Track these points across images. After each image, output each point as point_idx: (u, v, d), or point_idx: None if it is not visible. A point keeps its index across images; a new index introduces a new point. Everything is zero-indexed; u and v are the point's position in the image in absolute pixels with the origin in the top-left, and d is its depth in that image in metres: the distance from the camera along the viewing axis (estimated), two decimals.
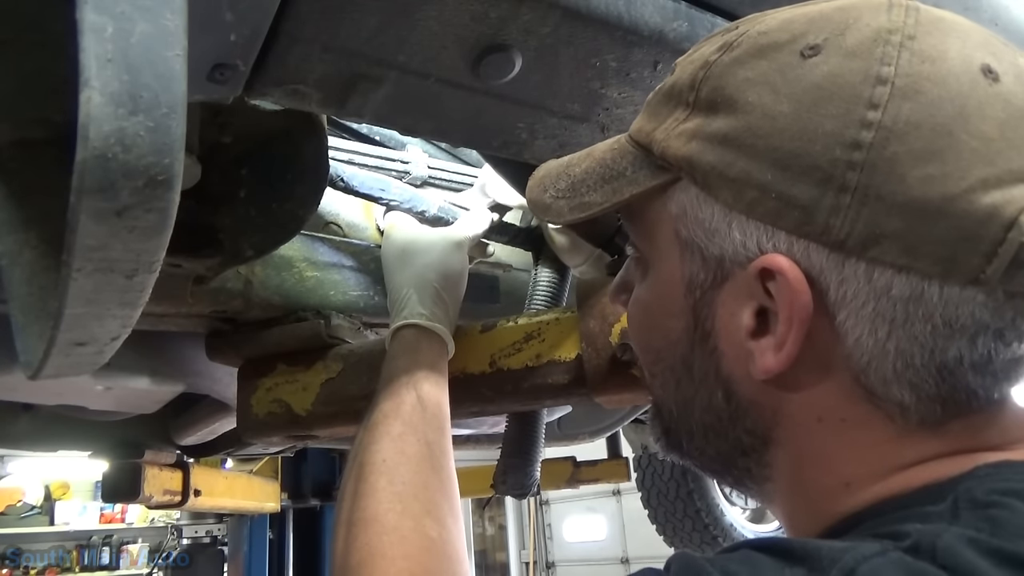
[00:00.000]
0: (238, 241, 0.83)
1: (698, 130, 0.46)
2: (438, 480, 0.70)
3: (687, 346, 0.50)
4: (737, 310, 0.46)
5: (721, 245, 0.46)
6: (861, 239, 0.41)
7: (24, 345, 0.59)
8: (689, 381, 0.51)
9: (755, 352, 0.45)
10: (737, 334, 0.46)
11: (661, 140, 0.48)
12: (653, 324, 0.54)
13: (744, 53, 0.45)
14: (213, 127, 0.78)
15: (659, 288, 0.52)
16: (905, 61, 0.41)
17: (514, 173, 0.95)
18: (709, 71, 0.47)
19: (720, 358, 0.48)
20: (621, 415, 1.81)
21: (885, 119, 0.40)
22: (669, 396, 0.53)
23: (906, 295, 0.41)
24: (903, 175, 0.40)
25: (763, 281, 0.44)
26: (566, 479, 2.71)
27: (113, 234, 0.45)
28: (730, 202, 0.45)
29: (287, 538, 2.95)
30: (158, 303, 0.88)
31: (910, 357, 0.42)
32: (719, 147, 0.45)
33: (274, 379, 1.02)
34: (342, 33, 0.58)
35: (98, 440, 1.67)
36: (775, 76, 0.44)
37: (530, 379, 0.91)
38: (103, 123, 0.41)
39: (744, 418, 0.48)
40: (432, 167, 1.19)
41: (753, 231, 0.44)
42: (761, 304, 0.45)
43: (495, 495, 2.73)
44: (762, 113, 0.43)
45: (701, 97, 0.47)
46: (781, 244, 0.43)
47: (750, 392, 0.47)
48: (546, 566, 7.31)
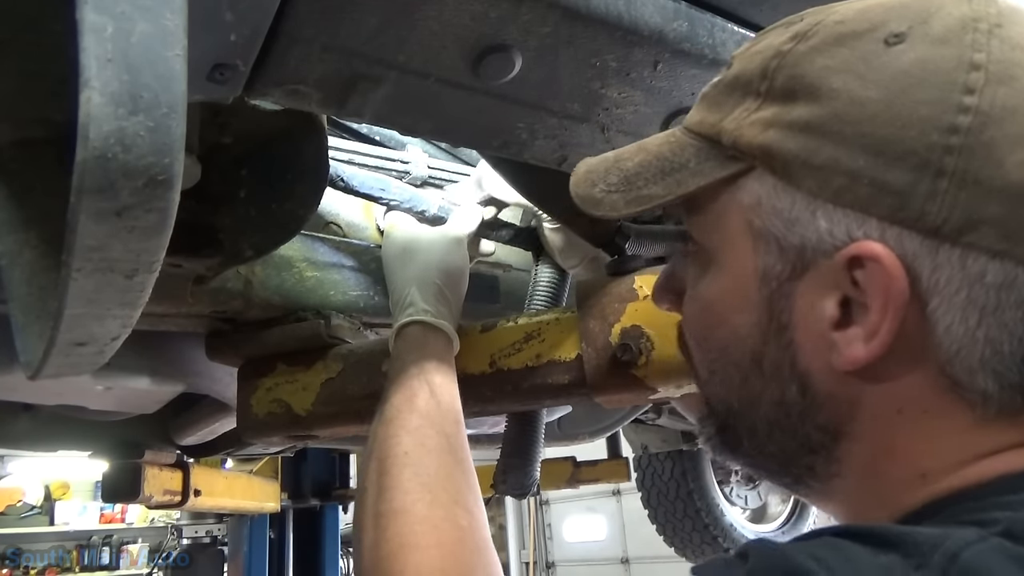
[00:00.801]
0: (238, 241, 0.83)
1: (775, 118, 0.46)
2: (461, 471, 0.70)
3: (759, 340, 0.49)
4: (818, 300, 0.45)
5: (802, 234, 0.45)
6: (958, 225, 0.41)
7: (24, 345, 0.59)
8: (758, 376, 0.49)
9: (840, 343, 0.44)
10: (818, 325, 0.45)
11: (732, 130, 0.48)
12: (718, 319, 0.52)
13: (821, 42, 0.45)
14: (213, 127, 0.78)
15: (726, 281, 0.51)
16: (996, 48, 0.41)
17: (514, 173, 0.95)
18: (783, 60, 0.46)
19: (796, 351, 0.47)
20: (621, 415, 1.81)
21: (982, 104, 0.40)
22: (731, 393, 0.52)
23: (999, 281, 0.41)
24: (1001, 159, 0.40)
25: (850, 270, 0.43)
26: (566, 479, 2.70)
27: (113, 234, 0.45)
28: (815, 190, 0.44)
29: (287, 538, 2.95)
30: (158, 303, 0.88)
31: (999, 345, 0.41)
32: (801, 135, 0.44)
33: (274, 379, 1.02)
34: (342, 33, 0.58)
35: (98, 440, 1.67)
36: (859, 63, 0.43)
37: (530, 379, 0.91)
38: (103, 123, 0.41)
39: (817, 413, 0.47)
40: (432, 167, 1.19)
41: (841, 219, 0.43)
42: (845, 294, 0.44)
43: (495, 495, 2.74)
44: (849, 99, 0.43)
45: (776, 86, 0.46)
46: (873, 231, 0.42)
47: (828, 385, 0.46)
48: (546, 566, 7.31)
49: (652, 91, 0.71)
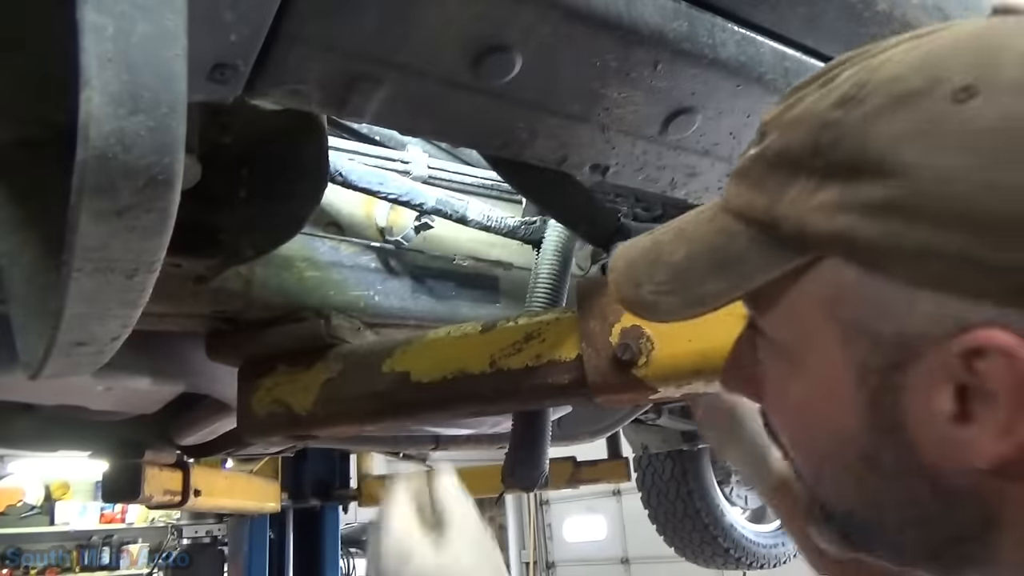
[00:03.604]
0: (238, 241, 0.83)
1: (844, 201, 0.41)
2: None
3: (867, 440, 0.44)
4: (932, 394, 0.40)
5: (901, 324, 0.40)
6: None
7: (24, 345, 0.59)
8: (877, 478, 0.45)
9: (965, 440, 0.39)
10: (936, 420, 0.40)
11: (793, 217, 0.43)
12: (816, 424, 0.47)
13: (879, 107, 0.40)
14: (213, 127, 0.78)
15: (815, 382, 0.46)
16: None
17: (514, 173, 0.95)
18: (838, 131, 0.41)
19: (917, 448, 0.42)
20: (621, 415, 1.81)
21: None
22: (848, 496, 0.47)
23: None
24: None
25: (968, 359, 0.38)
26: (566, 479, 2.71)
27: (113, 234, 0.45)
28: (909, 277, 0.39)
29: (287, 538, 2.95)
30: (158, 303, 0.88)
31: None
32: (880, 218, 0.39)
33: (274, 379, 1.02)
34: (342, 33, 0.58)
35: (98, 440, 1.67)
36: (930, 128, 0.38)
37: (530, 379, 0.91)
38: (103, 123, 0.41)
39: (960, 507, 0.43)
40: (432, 167, 1.19)
41: (945, 305, 0.39)
42: (962, 383, 0.39)
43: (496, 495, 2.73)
44: (928, 172, 0.38)
45: (834, 161, 0.41)
46: (989, 315, 0.38)
47: (963, 481, 0.41)
48: (546, 566, 7.31)
49: (652, 91, 0.71)
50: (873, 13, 0.71)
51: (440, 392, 0.94)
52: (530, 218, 1.16)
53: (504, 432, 1.22)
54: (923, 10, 0.74)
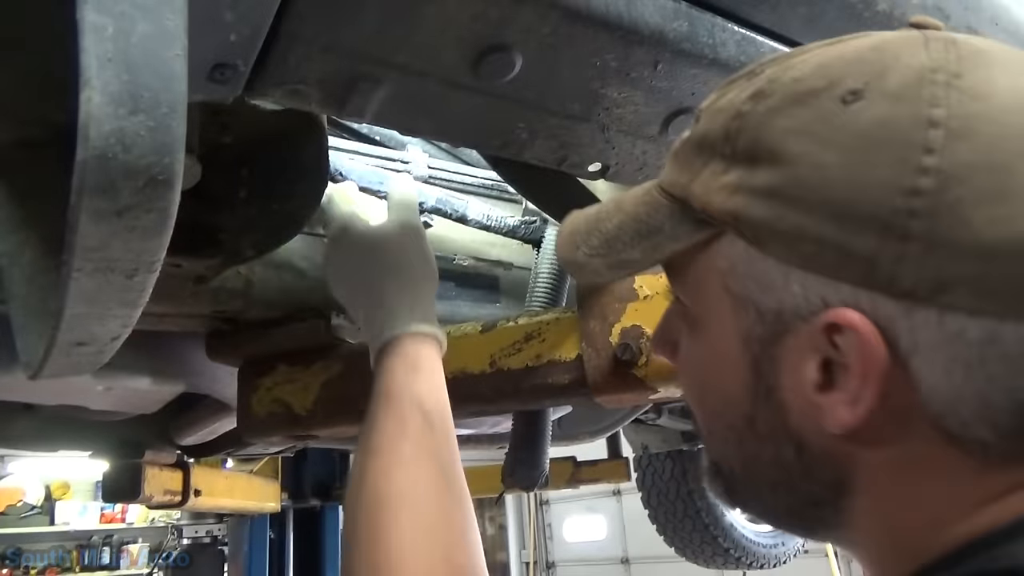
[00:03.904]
0: (238, 241, 0.83)
1: (741, 183, 0.45)
2: (458, 505, 0.68)
3: (749, 403, 0.48)
4: (801, 364, 0.45)
5: (778, 299, 0.45)
6: (930, 287, 0.40)
7: (24, 345, 0.59)
8: (753, 438, 0.49)
9: (825, 407, 0.44)
10: (803, 388, 0.45)
11: (701, 194, 0.47)
12: (709, 383, 0.52)
13: (780, 102, 0.44)
14: (213, 127, 0.78)
15: (712, 345, 0.51)
16: (955, 101, 0.40)
17: (514, 173, 0.95)
18: (744, 121, 0.45)
19: (787, 413, 0.46)
20: (621, 415, 1.81)
21: (943, 163, 0.39)
22: (731, 453, 0.51)
23: (981, 338, 0.40)
24: (968, 219, 0.39)
25: (829, 334, 0.43)
26: (566, 479, 2.70)
27: (113, 234, 0.45)
28: (784, 257, 0.44)
29: (287, 538, 2.95)
30: (158, 303, 0.88)
31: (988, 398, 0.41)
32: (766, 201, 0.44)
33: (274, 379, 1.02)
34: (343, 33, 0.58)
35: (98, 440, 1.67)
36: (817, 125, 0.42)
37: (530, 379, 0.91)
38: (103, 123, 0.41)
39: (818, 470, 0.47)
40: (432, 167, 1.19)
41: (813, 284, 0.43)
42: (826, 356, 0.43)
43: (497, 495, 2.73)
44: (808, 164, 0.42)
45: (739, 149, 0.45)
46: (846, 296, 0.42)
47: (823, 444, 0.45)
48: (546, 566, 7.31)
49: (652, 91, 0.71)
50: (873, 13, 0.71)
51: None
52: (530, 218, 1.16)
53: (504, 432, 1.22)
54: (923, 10, 0.74)
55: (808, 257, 0.43)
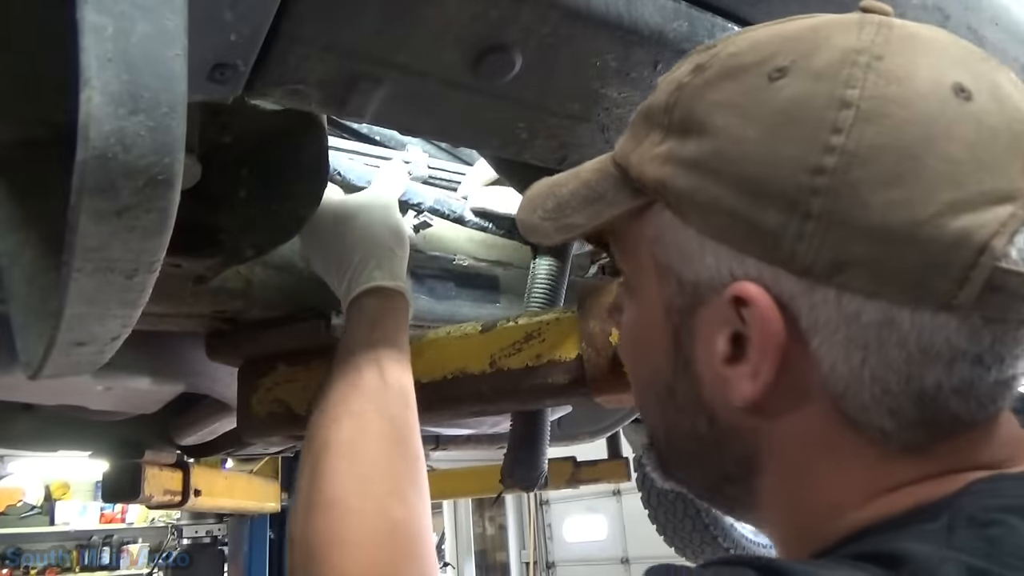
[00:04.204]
0: (238, 241, 0.83)
1: (671, 154, 0.46)
2: (403, 458, 0.68)
3: (670, 373, 0.49)
4: (712, 336, 0.45)
5: (696, 270, 0.45)
6: (827, 266, 0.40)
7: (24, 345, 0.59)
8: (673, 408, 0.50)
9: (731, 379, 0.44)
10: (714, 360, 0.45)
11: (636, 163, 0.48)
12: (639, 350, 0.53)
13: (714, 75, 0.45)
14: (213, 127, 0.78)
15: (642, 313, 0.52)
16: (871, 83, 0.40)
17: (514, 173, 0.95)
18: (681, 93, 0.46)
19: (700, 385, 0.47)
20: (621, 415, 1.81)
21: (848, 144, 0.39)
22: (658, 425, 0.53)
23: (877, 321, 0.40)
24: (866, 201, 0.39)
25: (737, 307, 0.43)
26: (566, 479, 2.70)
27: (113, 234, 0.45)
28: (701, 227, 0.44)
29: (287, 538, 2.95)
30: (158, 303, 0.88)
31: (886, 384, 0.41)
32: (690, 172, 0.44)
33: (274, 379, 1.02)
34: (343, 33, 0.58)
35: (98, 440, 1.67)
36: (743, 99, 0.43)
37: (530, 379, 0.91)
38: (103, 123, 0.41)
39: (729, 445, 0.47)
40: (432, 167, 1.19)
41: (724, 257, 0.43)
42: (736, 330, 0.44)
43: (497, 496, 2.73)
44: (729, 138, 0.43)
45: (674, 120, 0.46)
46: (751, 270, 0.42)
47: (732, 418, 0.46)
48: (546, 566, 7.31)
49: (652, 91, 0.71)
50: None
51: (440, 392, 0.94)
52: None
53: (504, 432, 1.22)
54: (923, 10, 0.74)
55: (721, 229, 0.43)
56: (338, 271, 0.84)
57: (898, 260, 0.39)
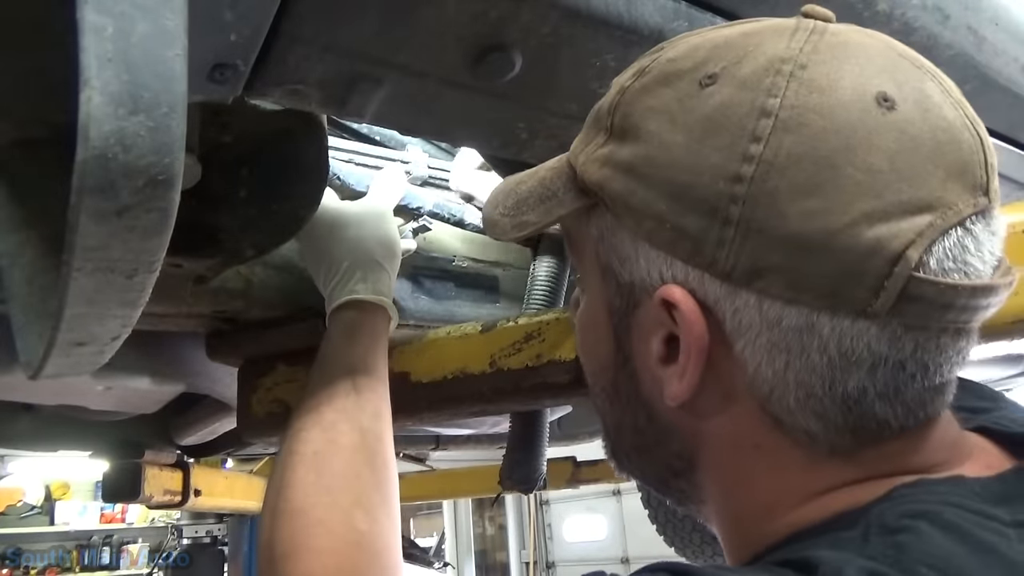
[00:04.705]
0: (238, 241, 0.83)
1: (610, 156, 0.46)
2: (371, 470, 0.68)
3: (612, 369, 0.50)
4: (648, 337, 0.46)
5: (632, 272, 0.46)
6: (746, 272, 0.41)
7: (24, 345, 0.59)
8: (618, 403, 0.51)
9: (664, 379, 0.45)
10: (650, 360, 0.46)
11: (582, 164, 0.49)
12: (587, 346, 0.55)
13: (652, 80, 0.45)
14: (213, 127, 0.78)
15: (590, 310, 0.53)
16: (792, 92, 0.40)
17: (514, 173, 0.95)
18: (623, 97, 0.47)
19: (639, 382, 0.48)
20: None
21: (766, 153, 0.40)
22: (607, 416, 0.54)
23: (798, 326, 0.40)
24: (783, 210, 0.39)
25: (668, 310, 0.44)
26: (566, 479, 2.70)
27: (113, 234, 0.45)
28: (634, 230, 0.45)
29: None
30: (158, 303, 0.88)
31: (810, 387, 0.41)
32: (625, 175, 0.45)
33: (274, 379, 1.02)
34: (342, 33, 0.58)
35: (98, 440, 1.67)
36: (674, 105, 0.44)
37: (530, 379, 0.91)
38: (103, 123, 0.41)
39: (668, 440, 0.48)
40: (432, 167, 1.19)
41: (655, 260, 0.45)
42: (670, 331, 0.45)
43: (496, 496, 2.73)
44: (659, 143, 0.43)
45: (615, 123, 0.47)
46: (678, 274, 0.44)
47: (669, 416, 0.47)
48: (546, 566, 7.31)
49: None
50: (873, 13, 0.71)
51: (440, 392, 0.94)
52: None
53: (504, 432, 1.22)
54: (923, 10, 0.73)
55: (651, 232, 0.44)
56: (325, 280, 0.86)
57: (814, 268, 0.39)
